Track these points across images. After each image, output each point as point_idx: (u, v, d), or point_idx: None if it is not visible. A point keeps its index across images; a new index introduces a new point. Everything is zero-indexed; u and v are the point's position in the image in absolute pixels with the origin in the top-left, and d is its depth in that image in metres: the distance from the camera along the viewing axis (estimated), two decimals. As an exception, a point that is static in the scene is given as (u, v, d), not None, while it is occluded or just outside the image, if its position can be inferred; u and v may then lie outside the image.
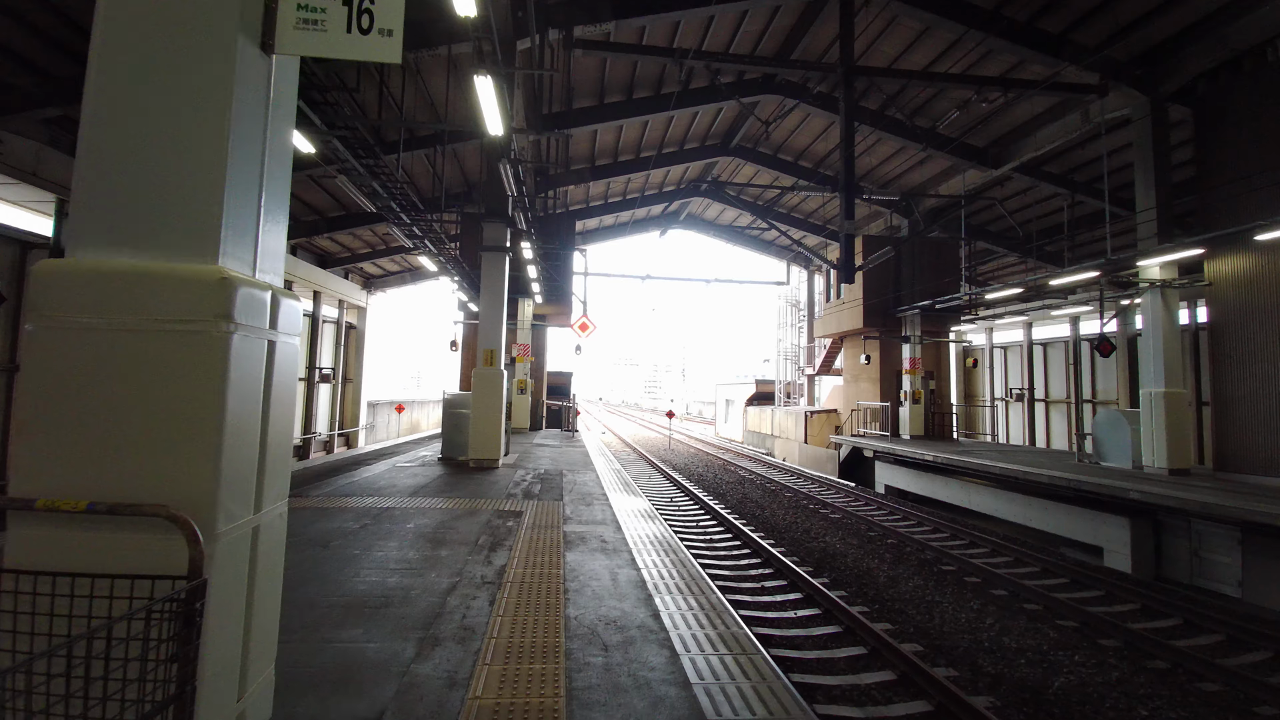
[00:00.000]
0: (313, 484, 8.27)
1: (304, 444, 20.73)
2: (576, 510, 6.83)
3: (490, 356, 10.05)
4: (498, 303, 10.17)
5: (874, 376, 20.16)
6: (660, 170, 20.30)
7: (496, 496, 7.47)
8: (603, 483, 8.94)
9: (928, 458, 15.18)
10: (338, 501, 6.91)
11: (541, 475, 9.50)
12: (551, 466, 10.57)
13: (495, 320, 10.17)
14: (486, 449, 9.91)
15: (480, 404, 9.91)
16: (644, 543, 5.58)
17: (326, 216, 17.69)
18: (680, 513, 12.94)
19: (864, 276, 19.46)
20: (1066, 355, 22.64)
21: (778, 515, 13.40)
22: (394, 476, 8.94)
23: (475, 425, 9.89)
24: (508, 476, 9.18)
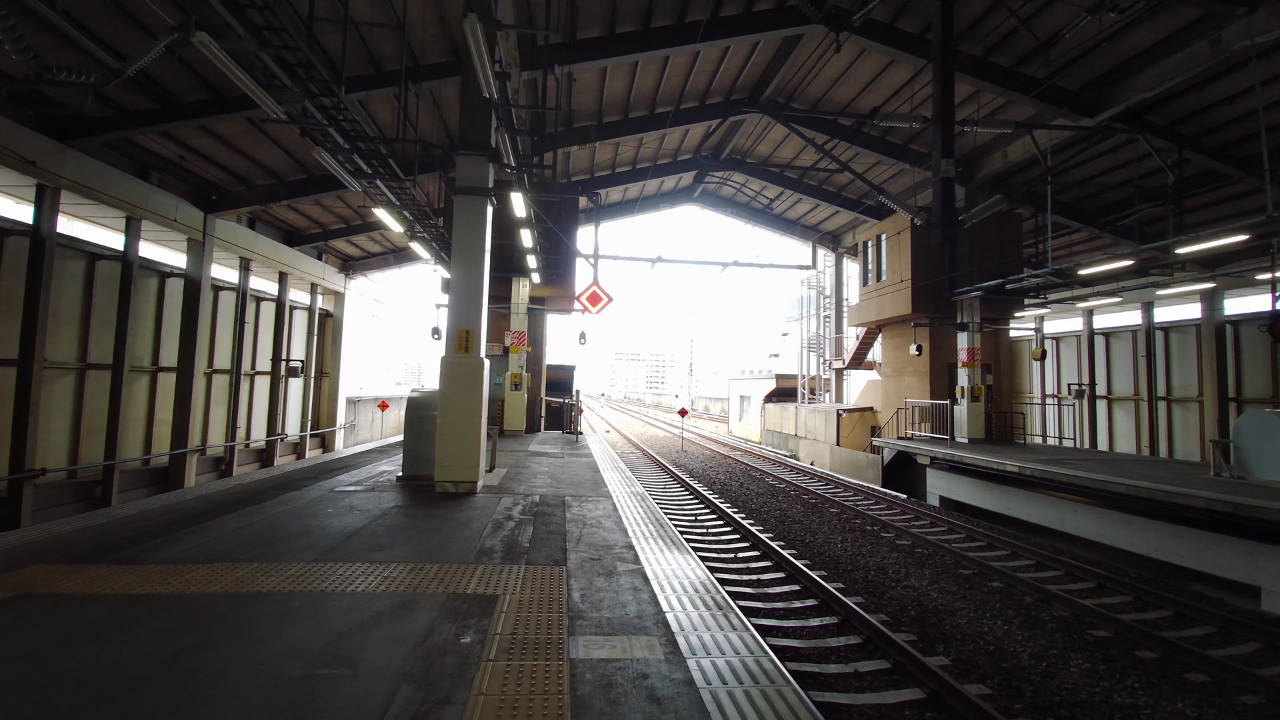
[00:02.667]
0: (184, 529, 5.43)
1: (268, 447, 17.92)
2: (590, 590, 3.99)
3: (465, 339, 7.20)
4: (475, 267, 7.31)
5: (922, 370, 17.31)
6: (677, 132, 17.37)
7: (460, 558, 4.61)
8: (624, 520, 6.10)
9: (1009, 468, 12.35)
10: (183, 575, 4.06)
11: (536, 505, 6.66)
12: (550, 489, 7.72)
13: (472, 291, 7.33)
14: (460, 467, 7.07)
15: (452, 405, 7.07)
16: (740, 701, 2.75)
17: (285, 180, 14.81)
18: (711, 538, 10.13)
19: (912, 255, 16.62)
20: (1134, 346, 19.80)
21: (833, 542, 10.58)
22: (319, 512, 6.09)
23: (445, 435, 7.05)
24: (487, 510, 6.34)
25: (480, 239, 7.30)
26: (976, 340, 15.83)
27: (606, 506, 6.72)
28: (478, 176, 7.31)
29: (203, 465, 15.35)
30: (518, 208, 8.92)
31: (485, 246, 7.33)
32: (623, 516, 6.25)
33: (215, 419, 15.97)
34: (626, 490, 7.87)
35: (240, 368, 16.19)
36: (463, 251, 7.28)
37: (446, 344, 7.27)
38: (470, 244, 7.30)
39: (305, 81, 6.08)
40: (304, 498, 6.77)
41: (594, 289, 7.14)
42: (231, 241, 15.22)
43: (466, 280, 7.29)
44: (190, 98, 11.20)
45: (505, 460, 10.21)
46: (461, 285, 7.28)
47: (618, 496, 7.39)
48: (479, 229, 7.31)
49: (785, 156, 18.87)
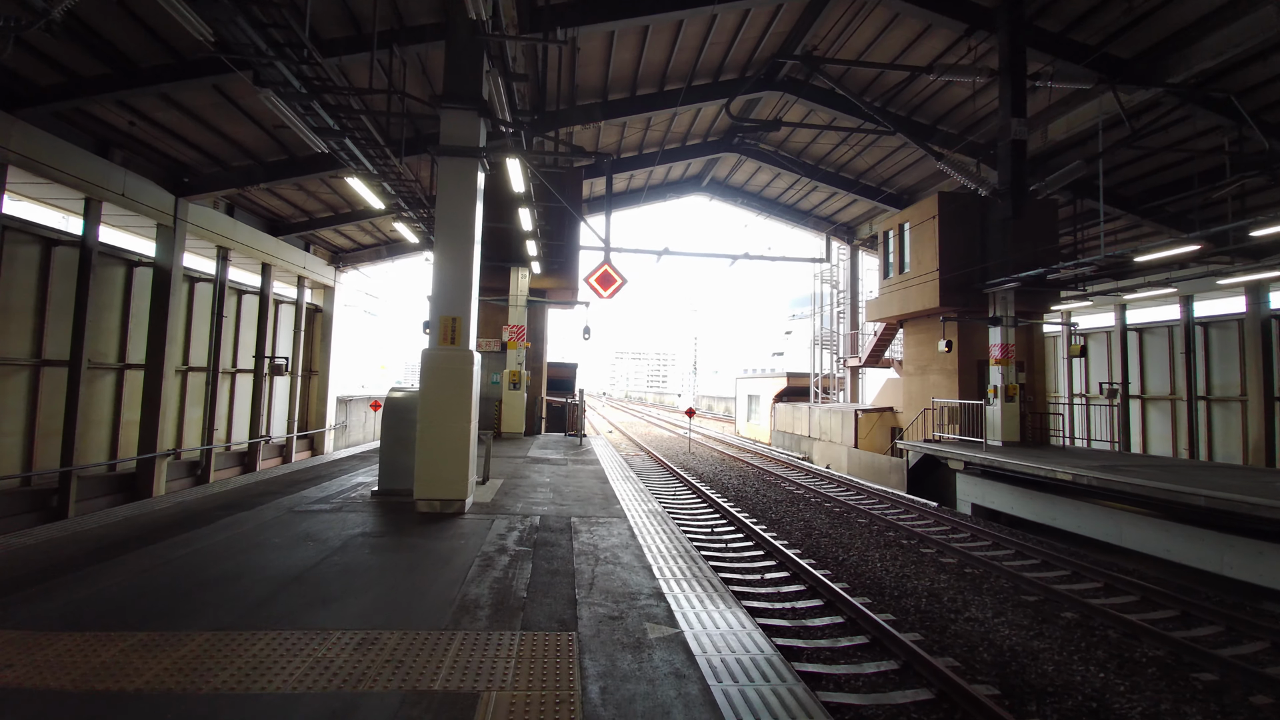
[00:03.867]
0: (82, 568, 4.20)
1: (250, 450, 16.69)
2: (614, 677, 2.73)
3: (451, 329, 5.95)
4: (464, 243, 6.07)
5: (949, 368, 16.07)
6: (688, 113, 16.12)
7: (431, 621, 3.34)
8: (645, 551, 4.86)
9: (1061, 475, 11.12)
10: (27, 656, 2.83)
11: (536, 530, 5.42)
12: (553, 507, 6.48)
13: (460, 272, 6.08)
14: (444, 483, 5.83)
15: (434, 408, 5.83)
16: None
17: (264, 162, 13.55)
18: (732, 555, 8.86)
19: (939, 245, 15.38)
20: (1170, 343, 18.57)
21: (870, 560, 9.33)
22: (265, 542, 4.85)
23: (426, 444, 5.80)
24: (476, 537, 5.10)
25: (469, 209, 6.06)
26: (1010, 335, 14.59)
27: (622, 531, 5.48)
28: (466, 134, 6.06)
29: (176, 470, 14.11)
30: (515, 179, 7.66)
31: (475, 218, 6.08)
32: (643, 546, 5.02)
33: (191, 420, 14.74)
34: (642, 507, 6.62)
35: (218, 365, 14.95)
36: (449, 224, 6.04)
37: (429, 335, 6.03)
38: (457, 215, 6.05)
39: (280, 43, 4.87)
40: (253, 520, 5.52)
41: (606, 269, 5.98)
42: (207, 228, 13.97)
43: (453, 258, 6.04)
44: (149, 62, 9.95)
45: (501, 469, 8.97)
46: (447, 265, 6.03)
47: (633, 516, 6.15)
48: (468, 197, 6.07)
49: (802, 140, 17.60)
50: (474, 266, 6.09)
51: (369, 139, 6.90)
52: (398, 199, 8.33)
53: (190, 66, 9.95)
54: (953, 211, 15.31)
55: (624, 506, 6.61)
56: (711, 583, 4.21)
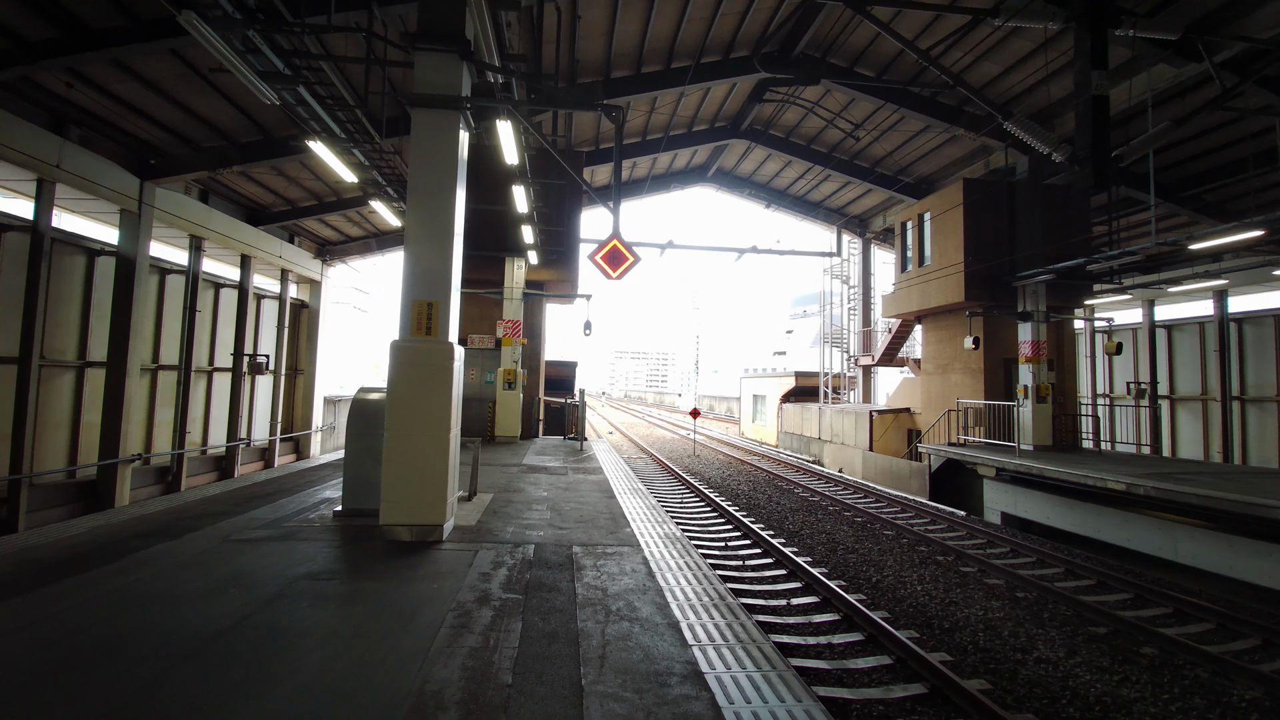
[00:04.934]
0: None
1: (228, 454, 15.56)
2: None
3: (427, 316, 4.85)
4: (442, 212, 4.96)
5: (973, 367, 15.00)
6: (695, 95, 15.03)
7: (378, 715, 2.27)
8: (668, 597, 3.76)
9: (1112, 485, 10.06)
10: None
11: (529, 567, 4.31)
12: (551, 531, 5.36)
13: (438, 247, 4.97)
14: (416, 506, 4.72)
15: (405, 412, 4.73)
16: None
17: (238, 143, 12.43)
18: (750, 573, 7.73)
19: (965, 235, 14.30)
20: (1202, 340, 17.53)
21: (907, 581, 8.24)
22: (179, 589, 3.73)
23: (394, 456, 4.70)
24: (452, 579, 3.99)
25: (449, 172, 4.95)
26: (1042, 332, 13.52)
27: (635, 566, 4.39)
28: (445, 81, 4.95)
29: (144, 477, 12.99)
30: (507, 149, 6.56)
31: (457, 183, 4.98)
32: (664, 589, 3.92)
33: (161, 423, 13.62)
34: (656, 530, 5.52)
35: (191, 363, 13.81)
36: (424, 190, 4.93)
37: (400, 323, 4.93)
38: (435, 179, 4.94)
39: None
40: (175, 555, 4.42)
41: (615, 244, 4.97)
42: (177, 215, 12.85)
43: (429, 231, 4.94)
44: (100, 23, 8.84)
45: (493, 480, 7.85)
46: (422, 239, 4.93)
47: (647, 542, 5.05)
48: (448, 158, 4.96)
49: (814, 126, 16.51)
50: (454, 241, 4.98)
51: (335, 96, 5.79)
52: (374, 172, 7.22)
53: (145, 28, 8.84)
54: (978, 199, 14.23)
55: (635, 529, 5.51)
56: (762, 650, 3.12)
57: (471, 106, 5.07)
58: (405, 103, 4.80)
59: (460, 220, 5.18)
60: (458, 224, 5.06)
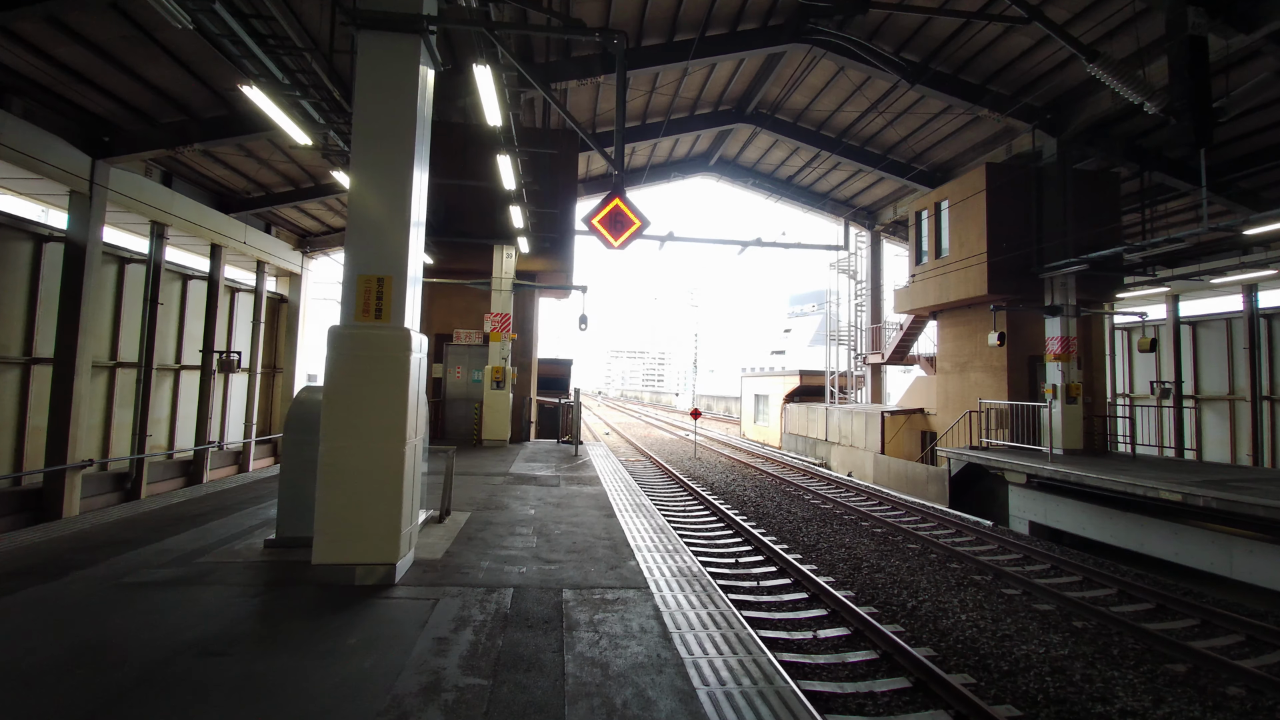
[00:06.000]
0: None
1: (196, 459, 14.39)
2: None
3: (375, 295, 3.76)
4: (397, 163, 3.86)
5: (997, 364, 13.97)
6: (699, 73, 13.95)
7: None
8: (699, 688, 2.66)
9: (1165, 495, 9.04)
10: None
11: (504, 629, 3.20)
12: (537, 567, 4.25)
13: (391, 204, 3.86)
14: (359, 539, 3.62)
15: (345, 418, 3.63)
16: None
17: (200, 118, 11.30)
18: (768, 596, 6.61)
19: (988, 223, 13.28)
20: (1229, 337, 16.56)
21: (948, 608, 7.17)
22: (17, 659, 2.64)
23: (330, 475, 3.61)
24: (396, 650, 2.89)
25: (406, 110, 3.86)
26: (1072, 327, 12.51)
27: (645, 623, 3.30)
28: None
29: (99, 484, 11.83)
30: (487, 102, 5.45)
31: (417, 123, 3.88)
32: (687, 661, 2.84)
33: (121, 425, 12.47)
34: (669, 564, 4.44)
35: (152, 360, 12.65)
36: (375, 131, 3.84)
37: (342, 304, 3.83)
38: (389, 117, 3.85)
39: None
40: (48, 604, 3.31)
41: (617, 205, 3.95)
42: (135, 198, 11.69)
43: (381, 184, 3.84)
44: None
45: (472, 494, 6.75)
46: (370, 193, 3.83)
47: (658, 583, 3.97)
48: (405, 93, 3.87)
49: (825, 108, 15.45)
50: (413, 198, 3.88)
51: (278, 35, 4.68)
52: (330, 132, 6.11)
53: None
54: (1002, 185, 13.21)
55: (641, 561, 4.42)
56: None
57: (437, 30, 3.97)
58: (349, 23, 3.70)
59: (423, 176, 4.08)
60: (418, 179, 3.96)
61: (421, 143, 4.03)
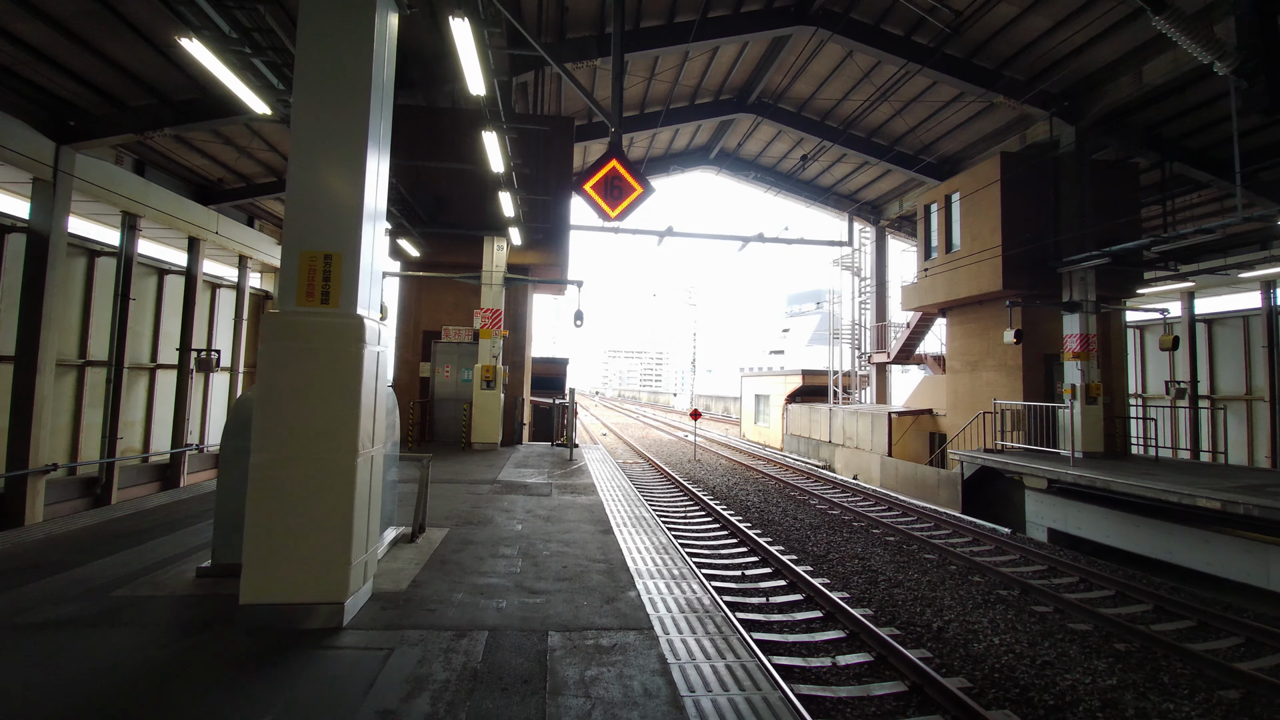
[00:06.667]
0: None
1: (172, 462, 13.67)
2: None
3: (320, 274, 3.09)
4: (349, 106, 3.19)
5: (1011, 363, 13.33)
6: (700, 58, 13.30)
7: None
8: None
9: (1203, 503, 8.39)
10: None
11: (470, 693, 2.51)
12: (518, 601, 3.54)
13: (341, 160, 3.18)
14: (300, 573, 2.95)
15: (282, 422, 2.97)
16: None
17: (171, 101, 10.59)
18: (779, 614, 5.91)
19: (1003, 215, 12.64)
20: (1246, 335, 15.96)
21: (975, 627, 6.51)
22: None
23: (262, 494, 2.94)
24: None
25: (362, 49, 3.18)
26: (1091, 324, 11.87)
27: (649, 681, 2.62)
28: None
29: (66, 490, 11.11)
30: (467, 64, 4.76)
31: (375, 68, 3.21)
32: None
33: (90, 426, 11.73)
34: (676, 593, 3.76)
35: (123, 358, 11.93)
36: (319, 69, 3.16)
37: (280, 285, 3.15)
38: (339, 58, 3.17)
39: None
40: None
41: (614, 167, 3.33)
42: (105, 187, 10.97)
43: (329, 137, 3.17)
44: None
45: (453, 507, 6.07)
46: (313, 146, 3.16)
47: (663, 620, 3.29)
48: (358, 26, 3.20)
49: (831, 97, 14.79)
50: (369, 152, 3.20)
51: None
52: (290, 96, 5.42)
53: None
54: (1017, 176, 12.57)
55: (642, 591, 3.75)
56: None
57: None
58: None
59: (384, 130, 3.40)
60: (377, 131, 3.28)
61: (382, 92, 3.35)
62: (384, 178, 3.46)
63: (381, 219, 3.44)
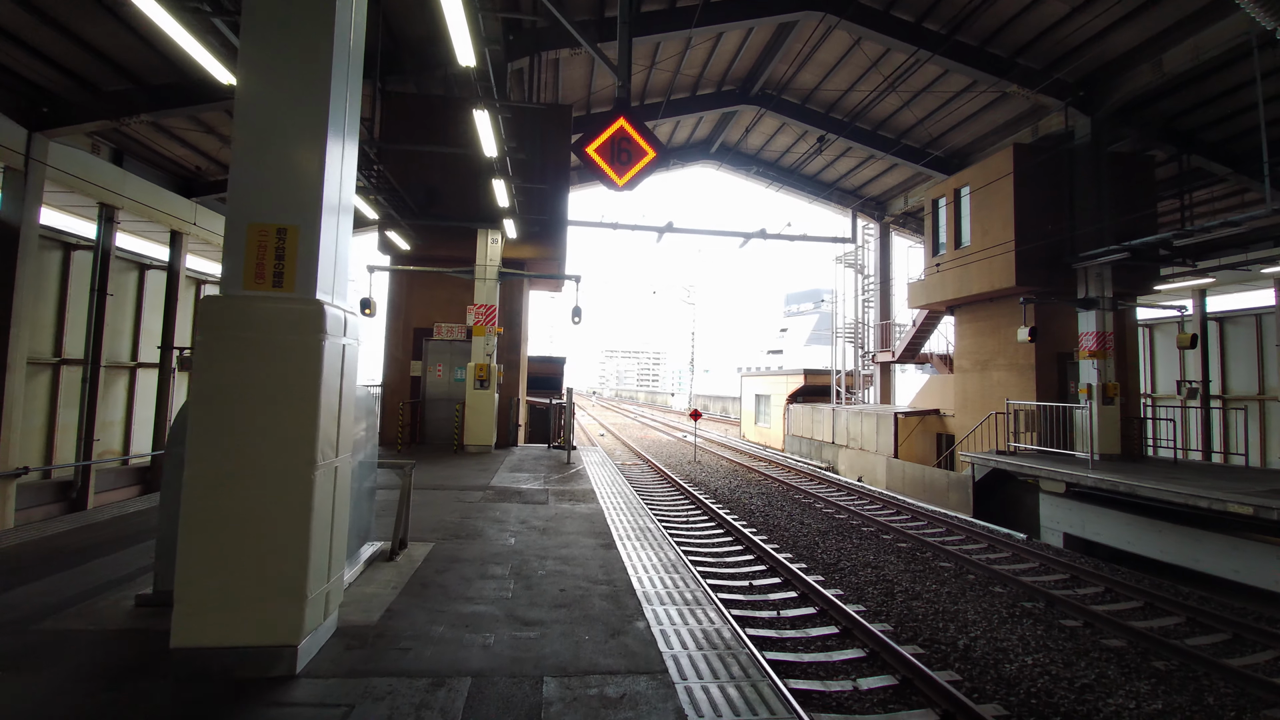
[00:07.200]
0: None
1: (154, 464, 13.09)
2: None
3: (272, 252, 2.58)
4: (313, 48, 2.69)
5: (1022, 362, 12.88)
6: (702, 46, 12.81)
7: None
8: None
9: (1235, 509, 7.94)
10: None
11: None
12: (507, 636, 3.03)
13: (303, 112, 2.68)
14: (242, 610, 2.45)
15: (221, 430, 2.46)
16: None
17: (148, 85, 10.05)
18: (791, 630, 5.41)
19: (1016, 209, 12.18)
20: (1259, 333, 15.55)
21: (1004, 644, 6.03)
22: None
23: (197, 516, 2.44)
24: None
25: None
26: (1108, 321, 11.42)
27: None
28: None
29: (39, 494, 10.54)
30: (453, 23, 4.26)
31: (340, 9, 2.72)
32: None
33: (65, 427, 11.18)
34: (690, 621, 3.27)
35: (100, 357, 11.37)
36: (271, 6, 2.67)
37: (224, 264, 2.64)
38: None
39: None
40: None
41: (622, 125, 2.90)
42: (80, 177, 10.42)
43: (282, 80, 2.67)
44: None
45: (440, 517, 5.55)
46: (265, 96, 2.66)
47: (678, 660, 2.80)
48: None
49: (837, 88, 14.32)
50: (337, 103, 2.70)
51: None
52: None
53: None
54: (1031, 169, 12.12)
55: (652, 620, 3.25)
56: None
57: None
58: None
59: (354, 76, 2.90)
60: (343, 74, 2.77)
61: (351, 25, 2.84)
62: (354, 134, 2.96)
63: (350, 185, 2.94)
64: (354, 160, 2.99)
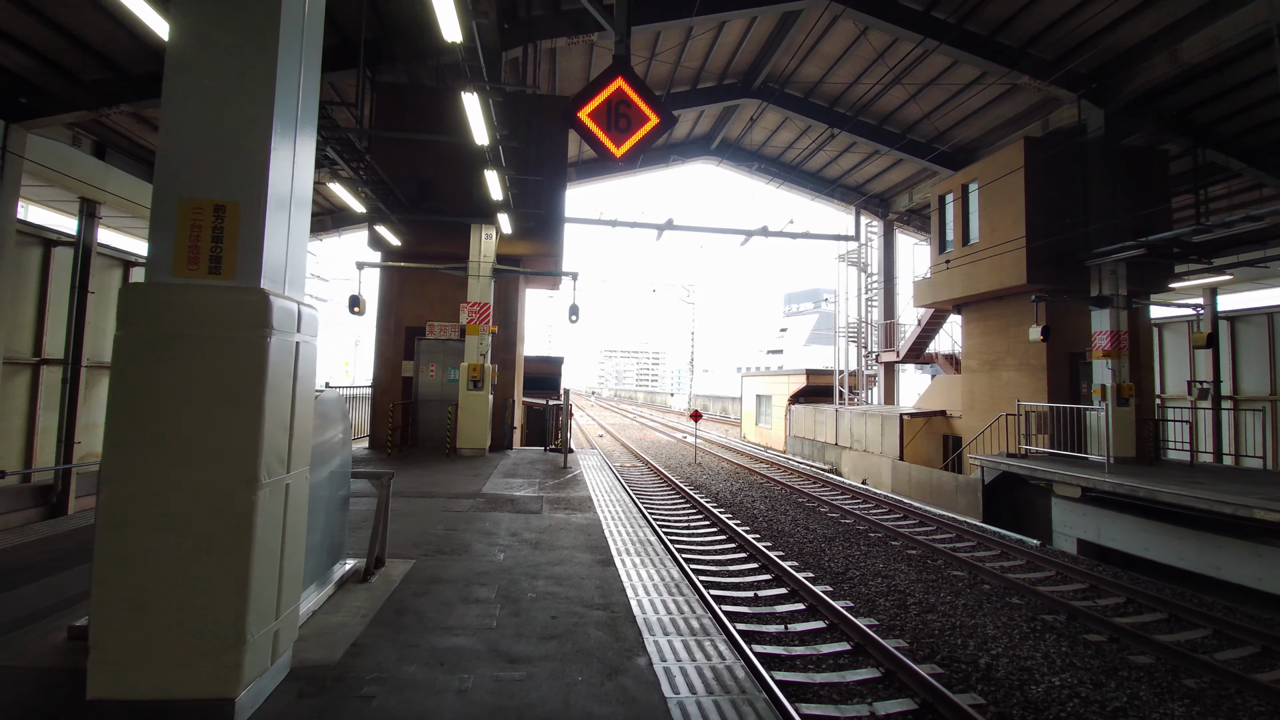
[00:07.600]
0: None
1: (139, 467, 12.70)
2: None
3: (209, 232, 2.19)
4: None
5: (1033, 362, 12.49)
6: (705, 35, 12.41)
7: None
8: None
9: (1260, 514, 7.55)
10: None
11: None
12: (489, 676, 2.61)
13: (245, 66, 2.29)
14: (167, 659, 2.07)
15: (141, 447, 2.07)
16: None
17: (129, 74, 9.66)
18: (799, 645, 4.98)
19: (1027, 204, 11.80)
20: (1272, 333, 15.17)
21: (1028, 661, 5.65)
22: None
23: (115, 547, 2.05)
24: None
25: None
26: (1123, 320, 11.04)
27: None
28: None
29: (18, 498, 10.14)
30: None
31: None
32: None
33: (45, 429, 10.77)
34: (699, 657, 2.87)
35: (80, 356, 10.96)
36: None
37: (150, 246, 2.24)
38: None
39: None
40: None
41: (619, 86, 2.63)
42: (60, 171, 10.03)
43: (221, 29, 2.28)
44: None
45: (425, 528, 5.16)
46: (204, 49, 2.27)
47: (686, 709, 2.41)
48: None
49: (842, 81, 13.92)
50: (286, 48, 2.31)
51: None
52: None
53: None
54: (1041, 163, 11.74)
55: (655, 657, 2.85)
56: None
57: None
58: None
59: (312, 29, 2.50)
60: (299, 25, 2.38)
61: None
62: (312, 91, 2.56)
63: (309, 152, 2.55)
64: (312, 126, 2.60)
